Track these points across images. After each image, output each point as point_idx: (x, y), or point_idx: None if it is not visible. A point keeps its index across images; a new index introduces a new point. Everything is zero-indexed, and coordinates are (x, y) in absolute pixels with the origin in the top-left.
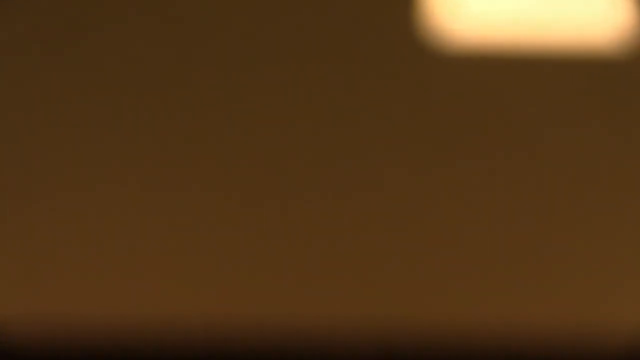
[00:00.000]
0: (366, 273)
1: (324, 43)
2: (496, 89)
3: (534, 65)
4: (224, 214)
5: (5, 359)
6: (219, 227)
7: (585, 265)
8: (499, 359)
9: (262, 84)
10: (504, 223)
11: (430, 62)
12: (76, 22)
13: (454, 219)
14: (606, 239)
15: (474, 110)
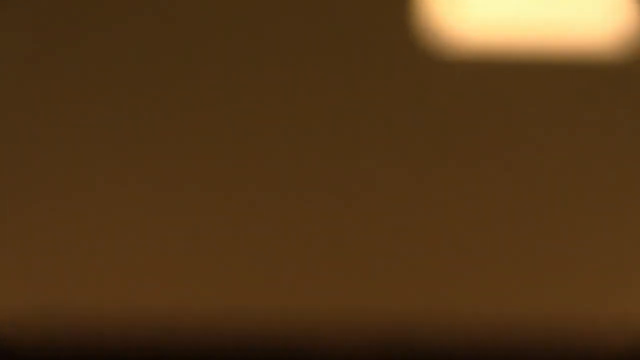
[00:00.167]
0: (367, 268)
1: (324, 44)
2: (497, 91)
3: (534, 67)
4: (224, 210)
5: (5, 358)
6: (219, 222)
7: (591, 262)
8: (504, 354)
9: (264, 85)
10: (509, 220)
11: (431, 65)
12: (76, 22)
13: (459, 216)
14: (610, 235)
15: (475, 112)
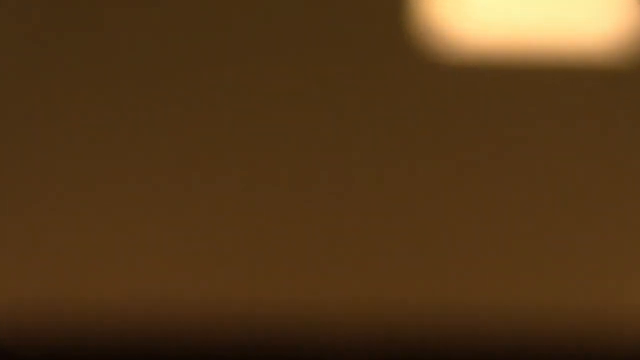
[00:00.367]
0: (366, 266)
1: (324, 46)
2: (497, 92)
3: (534, 69)
4: (222, 205)
5: (5, 358)
6: (218, 219)
7: (601, 255)
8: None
9: (264, 86)
10: (517, 213)
11: (430, 67)
12: (76, 22)
13: (463, 217)
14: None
15: (475, 113)
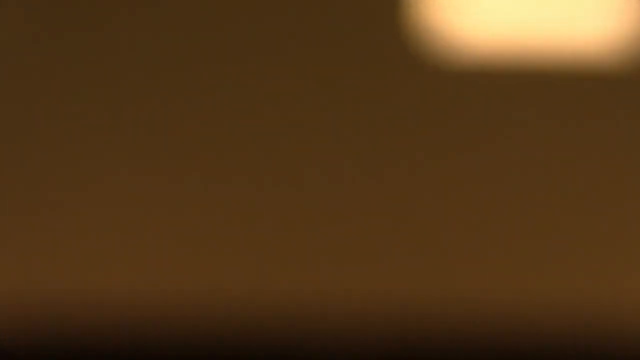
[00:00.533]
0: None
1: (324, 48)
2: (498, 95)
3: (534, 71)
4: (223, 201)
5: (5, 358)
6: (218, 215)
7: (601, 255)
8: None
9: (265, 87)
10: (518, 213)
11: (431, 70)
12: (76, 22)
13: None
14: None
15: (475, 114)
